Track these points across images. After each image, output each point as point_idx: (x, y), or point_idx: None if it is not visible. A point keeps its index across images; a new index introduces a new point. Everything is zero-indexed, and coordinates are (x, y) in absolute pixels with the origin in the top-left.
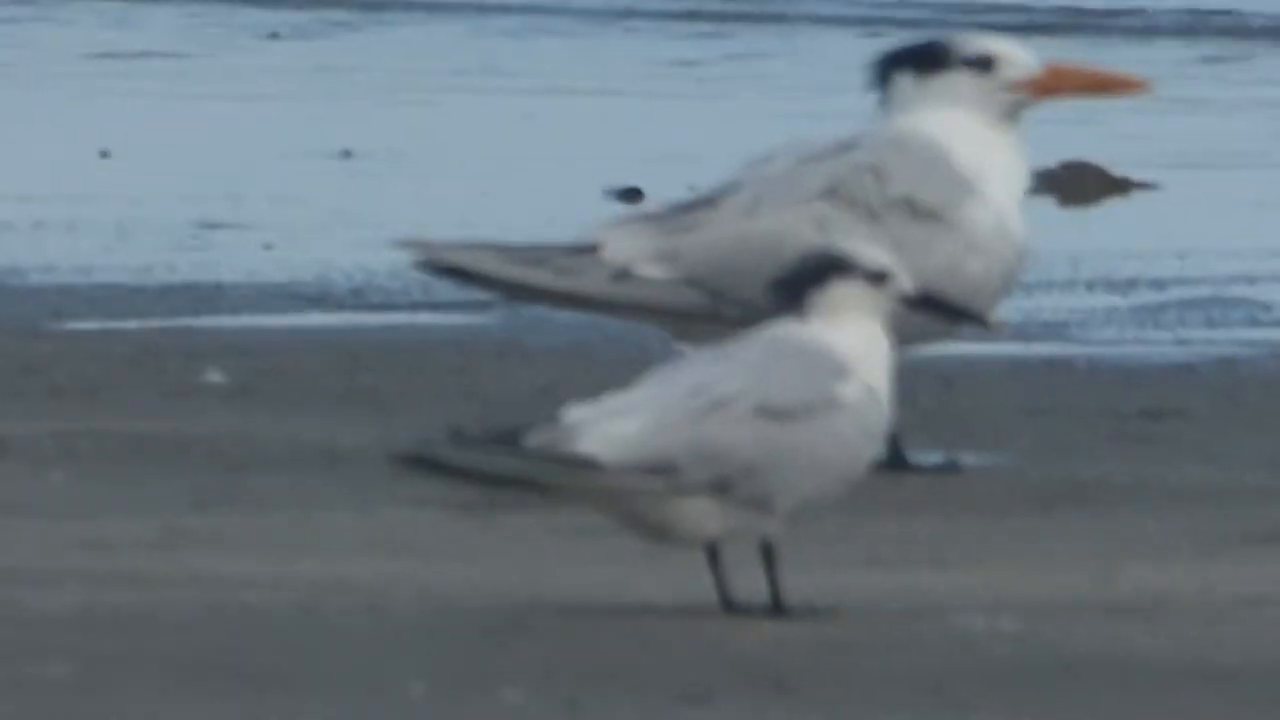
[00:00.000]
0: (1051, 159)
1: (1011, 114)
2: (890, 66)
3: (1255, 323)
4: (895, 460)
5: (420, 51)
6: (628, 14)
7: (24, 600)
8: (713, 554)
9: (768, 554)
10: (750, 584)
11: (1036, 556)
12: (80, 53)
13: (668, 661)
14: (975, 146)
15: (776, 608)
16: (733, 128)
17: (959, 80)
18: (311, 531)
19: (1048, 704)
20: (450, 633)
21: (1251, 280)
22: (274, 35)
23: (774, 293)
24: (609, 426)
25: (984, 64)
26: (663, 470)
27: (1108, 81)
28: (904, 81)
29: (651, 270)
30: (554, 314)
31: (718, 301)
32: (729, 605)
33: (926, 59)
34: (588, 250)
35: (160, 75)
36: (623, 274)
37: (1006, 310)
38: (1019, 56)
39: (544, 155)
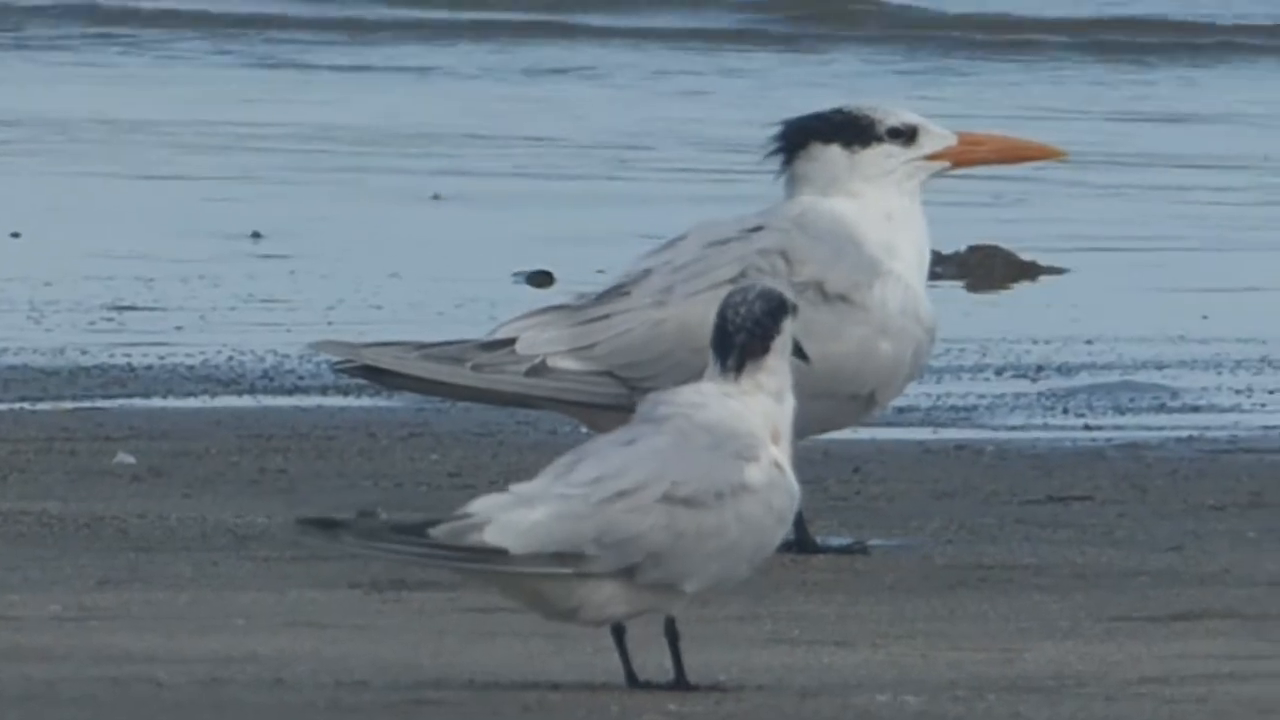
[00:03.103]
0: (960, 243)
1: (925, 184)
2: (809, 138)
3: (1163, 408)
4: (803, 542)
5: (327, 131)
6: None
7: None
8: (618, 633)
9: (672, 632)
10: (656, 660)
11: (941, 636)
12: None
13: None
14: (890, 225)
15: (681, 685)
16: (638, 210)
17: (885, 153)
18: (218, 609)
19: None
20: (355, 709)
21: (1159, 365)
22: (186, 118)
23: (733, 342)
24: (515, 515)
25: (907, 135)
26: (570, 558)
27: (1023, 150)
28: (828, 155)
29: (566, 363)
30: None
31: (633, 392)
32: (634, 682)
33: (852, 131)
34: (503, 345)
35: (71, 156)
36: (538, 368)
37: (916, 395)
38: (935, 127)
39: (452, 236)
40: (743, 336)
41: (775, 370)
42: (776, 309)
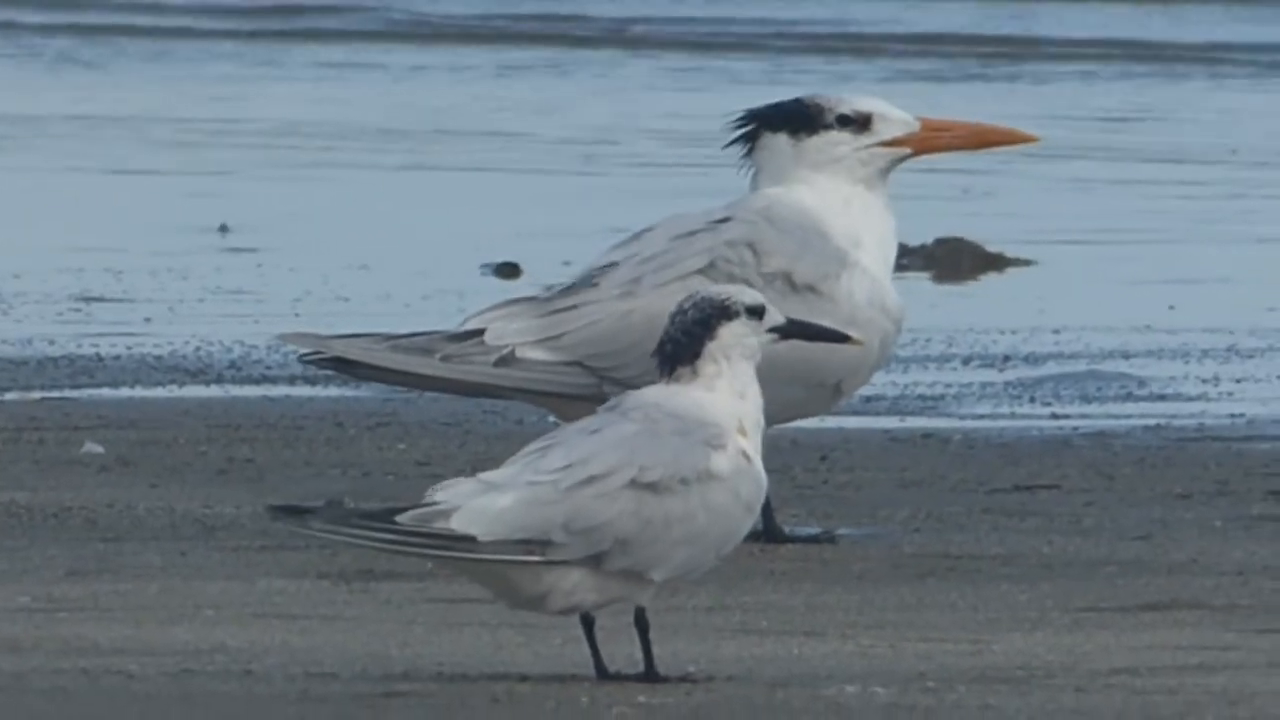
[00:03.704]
0: (927, 235)
1: (887, 172)
2: (759, 128)
3: (1129, 397)
4: (771, 531)
5: (295, 126)
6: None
7: None
8: (588, 623)
9: (641, 623)
10: (625, 652)
11: (909, 626)
12: None
13: None
14: (849, 213)
15: (650, 676)
16: (604, 202)
17: (834, 140)
18: (186, 600)
19: None
20: (324, 699)
21: (1126, 355)
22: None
23: (664, 350)
24: (483, 502)
25: (859, 123)
26: (537, 545)
27: (990, 134)
28: (775, 144)
29: (535, 354)
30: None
31: (602, 382)
32: (604, 674)
33: (798, 120)
34: (471, 336)
35: (39, 150)
36: (507, 359)
37: (883, 384)
38: (894, 113)
39: (420, 229)
40: (669, 345)
41: (719, 373)
42: (709, 316)
